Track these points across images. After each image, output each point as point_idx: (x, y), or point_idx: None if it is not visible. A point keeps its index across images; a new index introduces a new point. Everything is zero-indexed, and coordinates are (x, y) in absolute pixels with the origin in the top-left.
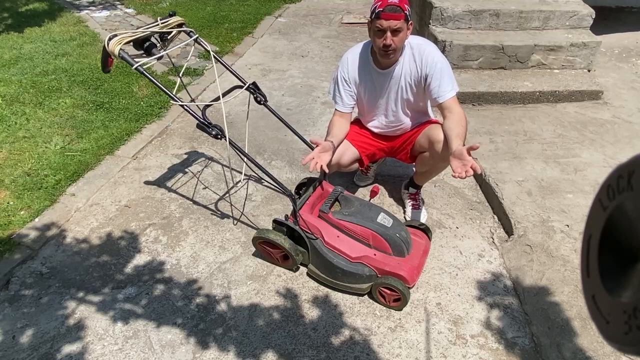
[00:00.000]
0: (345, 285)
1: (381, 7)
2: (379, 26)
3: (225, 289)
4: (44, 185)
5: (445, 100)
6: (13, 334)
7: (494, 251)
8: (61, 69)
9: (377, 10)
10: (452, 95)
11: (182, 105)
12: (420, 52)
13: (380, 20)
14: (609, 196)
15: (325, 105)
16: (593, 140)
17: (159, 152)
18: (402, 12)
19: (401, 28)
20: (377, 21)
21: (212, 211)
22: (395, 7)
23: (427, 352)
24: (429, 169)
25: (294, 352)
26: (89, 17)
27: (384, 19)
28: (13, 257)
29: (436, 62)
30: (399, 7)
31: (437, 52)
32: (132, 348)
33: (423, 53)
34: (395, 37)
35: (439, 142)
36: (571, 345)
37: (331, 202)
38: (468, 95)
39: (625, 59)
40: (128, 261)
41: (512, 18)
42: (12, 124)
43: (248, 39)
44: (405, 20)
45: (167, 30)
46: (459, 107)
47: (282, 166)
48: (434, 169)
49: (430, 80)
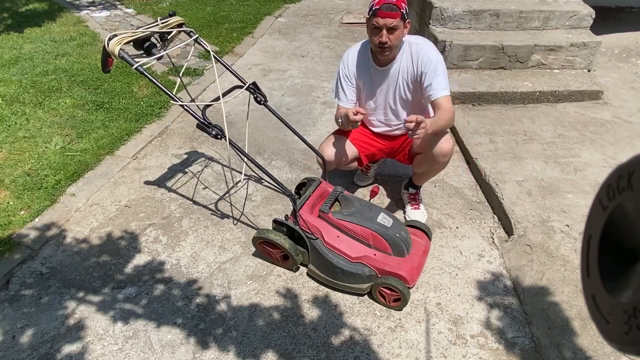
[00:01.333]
0: (345, 285)
1: (378, 5)
2: (375, 24)
3: (225, 289)
4: (44, 185)
5: (437, 98)
6: (13, 334)
7: (494, 251)
8: (61, 69)
9: (374, 7)
10: (444, 94)
11: (182, 105)
12: (417, 50)
13: (376, 18)
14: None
15: (325, 105)
16: (593, 140)
17: (159, 152)
18: (398, 10)
19: (397, 26)
20: (373, 19)
21: (212, 211)
22: (391, 6)
23: (427, 352)
24: (426, 170)
25: (294, 352)
26: (89, 17)
27: (380, 16)
28: (13, 257)
29: (431, 60)
30: (396, 6)
31: (433, 51)
32: (132, 348)
33: (420, 52)
34: (391, 35)
35: (434, 144)
36: (571, 345)
37: (331, 202)
38: (468, 95)
39: (625, 59)
40: (128, 261)
41: (512, 18)
42: (12, 124)
43: (248, 39)
44: (402, 18)
45: (167, 30)
46: (450, 105)
47: (282, 166)
48: (431, 170)
49: (425, 77)
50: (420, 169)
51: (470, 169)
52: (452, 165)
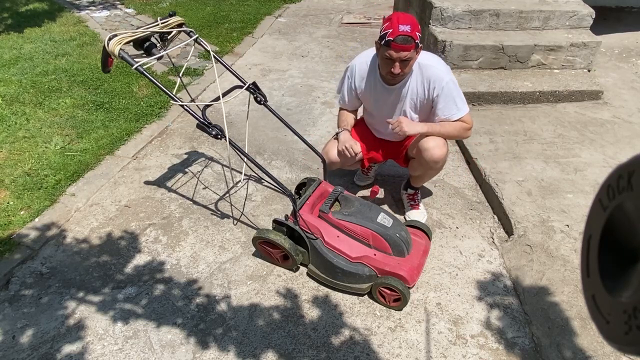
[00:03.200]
0: (345, 285)
1: (392, 37)
2: (388, 55)
3: (225, 289)
4: (44, 185)
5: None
6: (13, 334)
7: (494, 251)
8: (61, 69)
9: (388, 39)
10: (460, 116)
11: (182, 105)
12: (428, 75)
13: (389, 50)
14: (609, 196)
15: (325, 105)
16: (593, 140)
17: (159, 152)
18: (413, 42)
19: (411, 57)
20: (387, 50)
21: (212, 211)
22: (407, 38)
23: (427, 352)
24: (421, 174)
25: (294, 352)
26: (89, 17)
27: (394, 50)
28: (13, 257)
29: (443, 86)
30: (411, 37)
31: (445, 75)
32: (132, 348)
33: (431, 77)
34: (404, 67)
35: (426, 150)
36: (571, 345)
37: (331, 202)
38: (468, 95)
39: (625, 59)
40: (128, 261)
41: (512, 18)
42: (12, 124)
43: (248, 39)
44: (416, 48)
45: (167, 30)
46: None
47: (282, 166)
48: (425, 174)
49: (437, 103)
50: (415, 173)
51: (470, 169)
52: (452, 165)
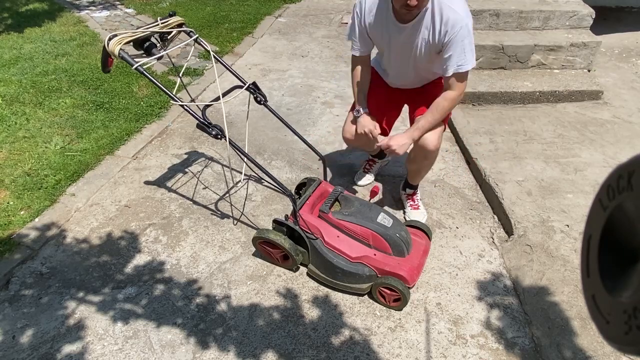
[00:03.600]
0: (345, 285)
1: None
2: None
3: (225, 289)
4: (44, 185)
5: (448, 76)
6: (13, 334)
7: (494, 251)
8: (61, 69)
9: None
10: (460, 70)
11: (182, 105)
12: (443, 16)
13: None
14: (609, 196)
15: (325, 105)
16: (593, 140)
17: (159, 152)
18: None
19: None
20: None
21: (212, 211)
22: None
23: (427, 352)
24: (418, 166)
25: (294, 352)
26: (89, 17)
27: None
28: (13, 257)
29: (457, 31)
30: None
31: (461, 20)
32: (132, 348)
33: (449, 20)
34: None
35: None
36: (571, 345)
37: (331, 202)
38: (468, 96)
39: (625, 59)
40: (128, 261)
41: (512, 18)
42: (12, 124)
43: (248, 39)
44: None
45: (167, 30)
46: (459, 88)
47: (282, 166)
48: (422, 166)
49: (446, 50)
50: (412, 166)
51: (470, 169)
52: (452, 165)
